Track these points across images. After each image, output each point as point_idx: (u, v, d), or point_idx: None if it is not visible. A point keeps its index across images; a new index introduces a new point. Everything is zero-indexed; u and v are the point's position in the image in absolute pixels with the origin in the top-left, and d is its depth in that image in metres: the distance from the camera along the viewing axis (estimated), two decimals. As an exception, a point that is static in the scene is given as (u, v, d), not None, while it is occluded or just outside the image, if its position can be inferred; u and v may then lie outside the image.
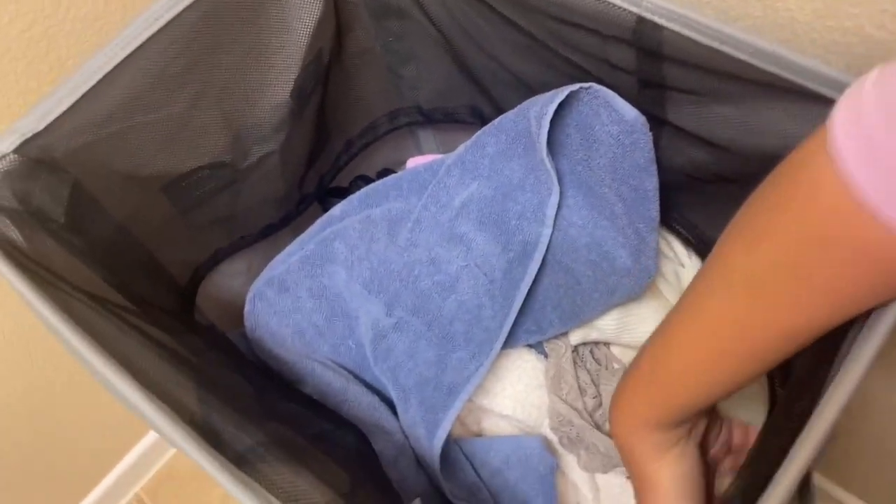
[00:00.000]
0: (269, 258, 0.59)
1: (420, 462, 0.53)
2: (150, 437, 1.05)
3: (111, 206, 0.47)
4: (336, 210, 0.60)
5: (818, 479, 0.87)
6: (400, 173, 0.60)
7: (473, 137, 0.57)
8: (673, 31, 0.39)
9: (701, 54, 0.39)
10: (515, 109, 0.54)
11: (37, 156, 0.42)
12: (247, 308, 0.59)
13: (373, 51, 0.61)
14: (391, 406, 0.55)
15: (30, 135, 0.41)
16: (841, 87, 0.31)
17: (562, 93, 0.49)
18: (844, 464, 0.82)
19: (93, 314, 0.39)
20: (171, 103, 0.48)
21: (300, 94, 0.55)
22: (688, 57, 0.40)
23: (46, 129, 0.42)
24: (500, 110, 0.57)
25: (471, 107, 0.65)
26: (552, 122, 0.49)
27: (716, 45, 0.38)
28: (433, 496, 0.52)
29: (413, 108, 0.66)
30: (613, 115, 0.48)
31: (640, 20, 0.40)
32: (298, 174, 0.60)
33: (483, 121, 0.63)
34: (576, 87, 0.48)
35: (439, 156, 0.69)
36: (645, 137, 0.48)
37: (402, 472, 0.52)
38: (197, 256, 0.57)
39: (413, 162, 0.71)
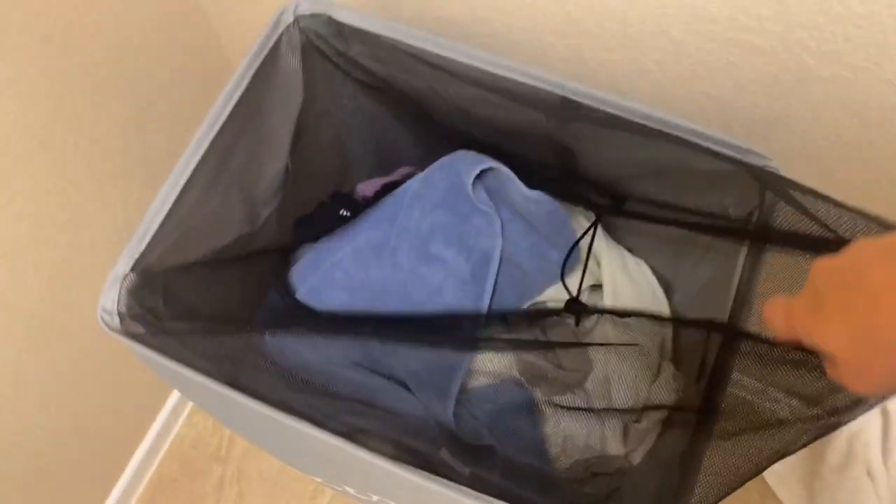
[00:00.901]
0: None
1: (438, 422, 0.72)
2: (139, 452, 1.16)
3: (182, 289, 0.61)
4: (322, 245, 0.76)
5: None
6: (369, 210, 0.77)
7: (424, 174, 0.75)
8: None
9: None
10: (452, 156, 0.72)
11: (142, 268, 0.55)
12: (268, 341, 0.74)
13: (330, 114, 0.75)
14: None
15: (137, 255, 0.54)
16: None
17: (480, 164, 0.68)
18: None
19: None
20: (212, 198, 0.61)
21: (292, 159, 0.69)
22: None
23: (146, 247, 0.55)
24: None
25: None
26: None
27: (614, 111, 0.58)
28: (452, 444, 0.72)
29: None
30: (518, 188, 0.68)
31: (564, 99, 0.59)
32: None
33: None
34: (487, 165, 0.68)
35: (383, 179, 0.85)
36: (548, 202, 0.69)
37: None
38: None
39: (362, 187, 0.87)
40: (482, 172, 0.71)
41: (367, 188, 0.86)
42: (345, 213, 0.83)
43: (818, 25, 0.57)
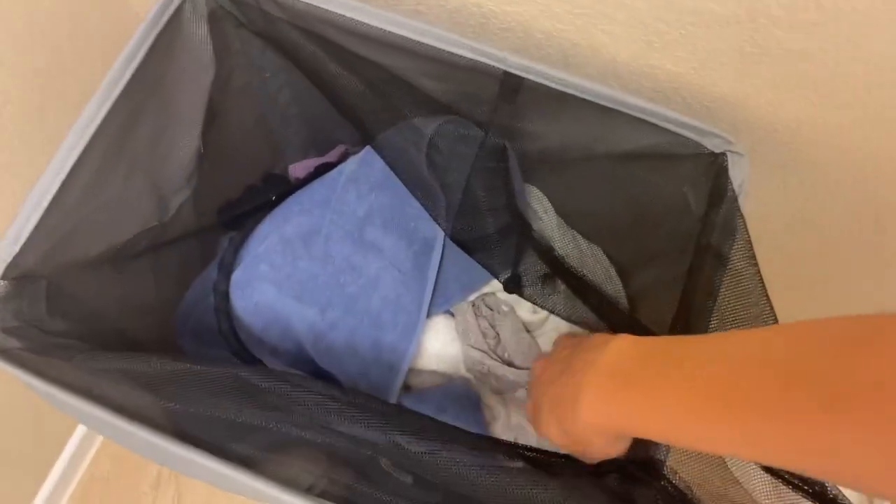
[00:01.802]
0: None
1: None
2: (70, 446, 1.08)
3: (77, 291, 0.53)
4: (246, 234, 0.69)
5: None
6: (298, 192, 0.69)
7: (360, 154, 0.67)
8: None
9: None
10: (392, 130, 0.65)
11: (17, 273, 0.47)
12: (188, 333, 0.67)
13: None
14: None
15: (10, 258, 0.46)
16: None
17: (433, 122, 0.60)
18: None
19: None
20: (109, 185, 0.54)
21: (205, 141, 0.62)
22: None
23: (22, 248, 0.47)
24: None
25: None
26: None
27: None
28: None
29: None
30: (473, 141, 0.61)
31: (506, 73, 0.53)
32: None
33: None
34: (443, 118, 0.60)
35: (315, 160, 0.78)
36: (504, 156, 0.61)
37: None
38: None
39: (294, 168, 0.79)
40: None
41: (299, 170, 0.79)
42: (274, 198, 0.76)
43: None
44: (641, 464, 0.47)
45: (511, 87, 0.53)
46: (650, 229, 0.60)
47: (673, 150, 0.53)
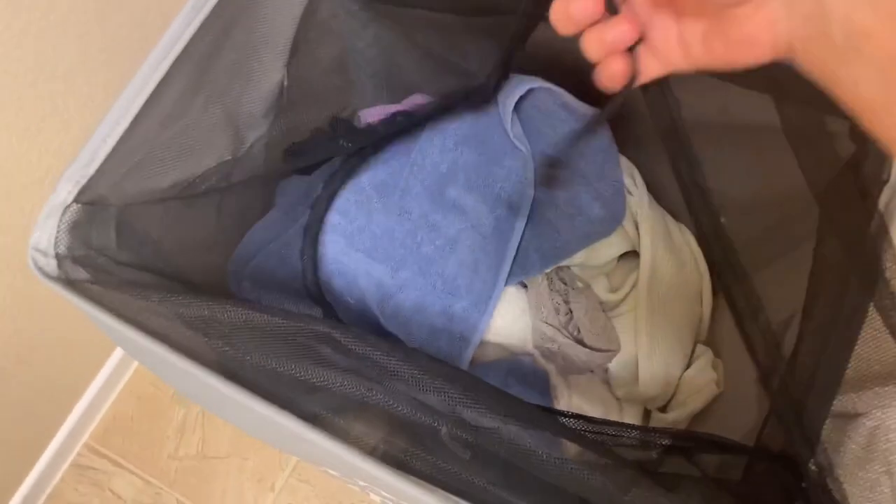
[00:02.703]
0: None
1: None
2: (95, 384, 1.05)
3: (144, 224, 0.49)
4: (316, 179, 0.64)
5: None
6: (378, 142, 0.64)
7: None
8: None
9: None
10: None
11: (89, 198, 0.42)
12: (245, 283, 0.62)
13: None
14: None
15: (84, 181, 0.42)
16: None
17: (521, 87, 0.55)
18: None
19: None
20: (186, 114, 0.49)
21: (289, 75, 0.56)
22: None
23: (97, 172, 0.42)
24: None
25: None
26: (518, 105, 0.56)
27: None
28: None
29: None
30: (568, 110, 0.56)
31: None
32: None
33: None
34: (536, 84, 0.55)
35: (392, 107, 0.72)
36: (604, 134, 0.56)
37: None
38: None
39: (366, 114, 0.74)
40: (522, 98, 0.58)
41: (372, 115, 0.74)
42: (344, 143, 0.71)
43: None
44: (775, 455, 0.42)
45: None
46: (766, 211, 0.55)
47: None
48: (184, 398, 1.09)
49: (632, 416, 0.68)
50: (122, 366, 1.08)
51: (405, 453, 0.49)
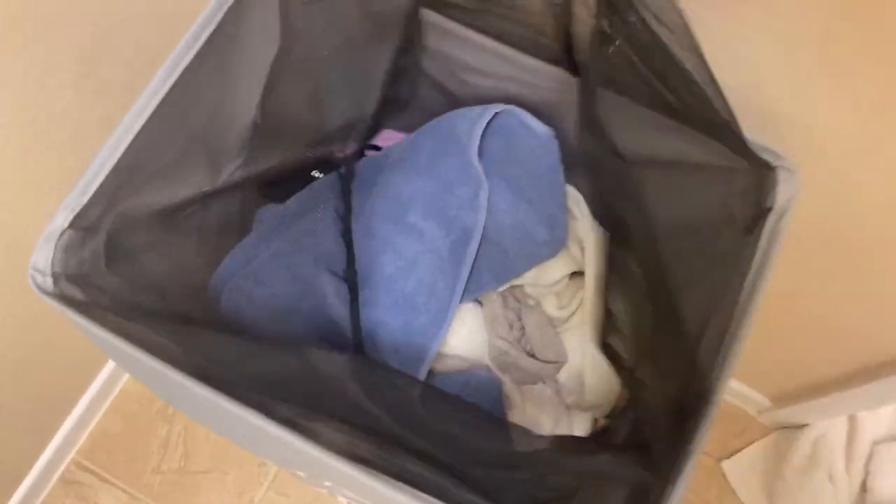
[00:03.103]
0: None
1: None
2: (82, 402, 1.10)
3: (133, 247, 0.55)
4: (292, 203, 0.70)
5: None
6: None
7: (410, 138, 0.69)
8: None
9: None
10: (444, 117, 0.66)
11: (82, 225, 0.49)
12: (223, 300, 0.68)
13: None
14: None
15: (79, 209, 0.48)
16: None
17: (489, 111, 0.62)
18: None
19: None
20: (168, 150, 0.55)
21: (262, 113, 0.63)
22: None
23: (89, 201, 0.48)
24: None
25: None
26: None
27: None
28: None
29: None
30: (528, 130, 0.63)
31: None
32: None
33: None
34: (500, 108, 0.62)
35: (397, 133, 0.79)
36: (554, 146, 0.63)
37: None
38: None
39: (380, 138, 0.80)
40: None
41: (385, 139, 0.80)
42: (316, 173, 0.77)
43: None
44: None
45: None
46: (689, 239, 0.61)
47: (722, 162, 0.54)
48: (167, 415, 1.14)
49: (581, 423, 0.74)
50: (108, 384, 1.13)
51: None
